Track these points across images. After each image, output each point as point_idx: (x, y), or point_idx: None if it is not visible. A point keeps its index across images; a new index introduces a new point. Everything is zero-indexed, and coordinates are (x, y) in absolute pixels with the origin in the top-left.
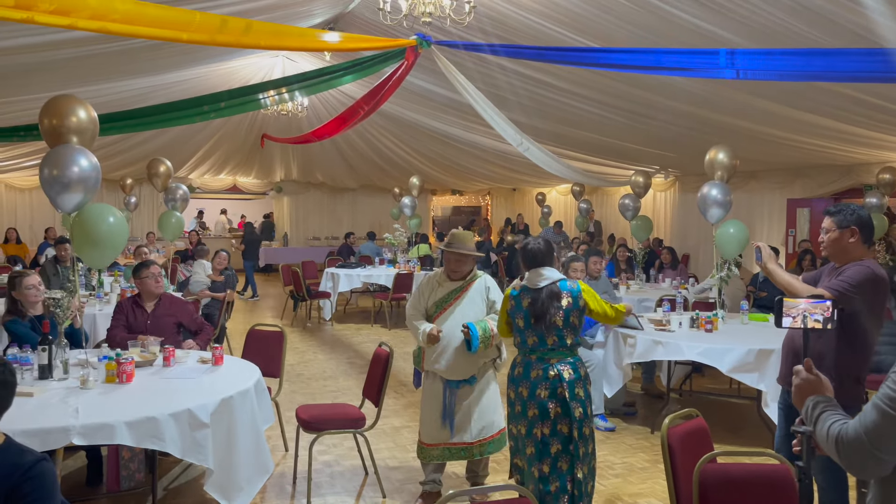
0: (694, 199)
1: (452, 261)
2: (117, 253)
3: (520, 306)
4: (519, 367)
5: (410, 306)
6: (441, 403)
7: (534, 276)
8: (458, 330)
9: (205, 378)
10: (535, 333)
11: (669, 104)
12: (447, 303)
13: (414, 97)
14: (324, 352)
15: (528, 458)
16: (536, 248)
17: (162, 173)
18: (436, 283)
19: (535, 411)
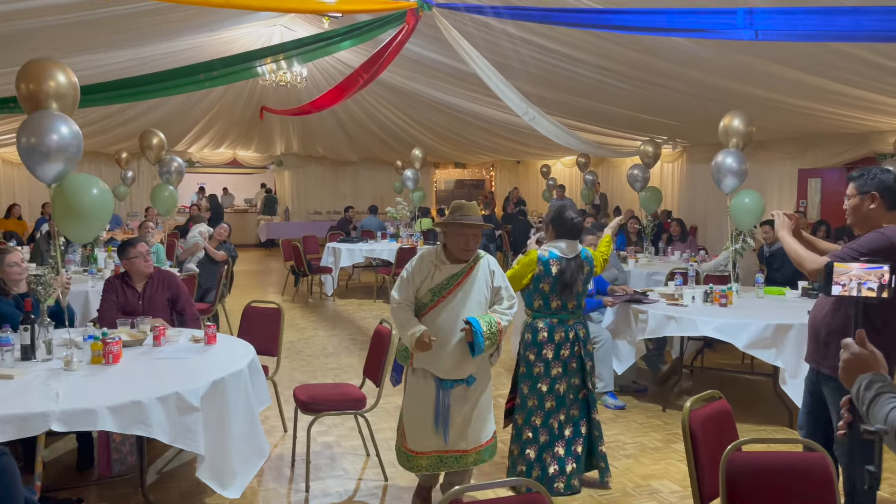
0: (703, 169)
1: (467, 237)
2: (101, 227)
3: (549, 272)
4: (542, 331)
5: (397, 292)
6: (433, 406)
7: (569, 247)
8: (458, 324)
9: (196, 358)
10: (559, 298)
11: (678, 70)
12: (447, 290)
13: (415, 66)
14: (325, 328)
15: (546, 411)
16: (580, 223)
17: (155, 145)
18: (431, 265)
19: (559, 370)
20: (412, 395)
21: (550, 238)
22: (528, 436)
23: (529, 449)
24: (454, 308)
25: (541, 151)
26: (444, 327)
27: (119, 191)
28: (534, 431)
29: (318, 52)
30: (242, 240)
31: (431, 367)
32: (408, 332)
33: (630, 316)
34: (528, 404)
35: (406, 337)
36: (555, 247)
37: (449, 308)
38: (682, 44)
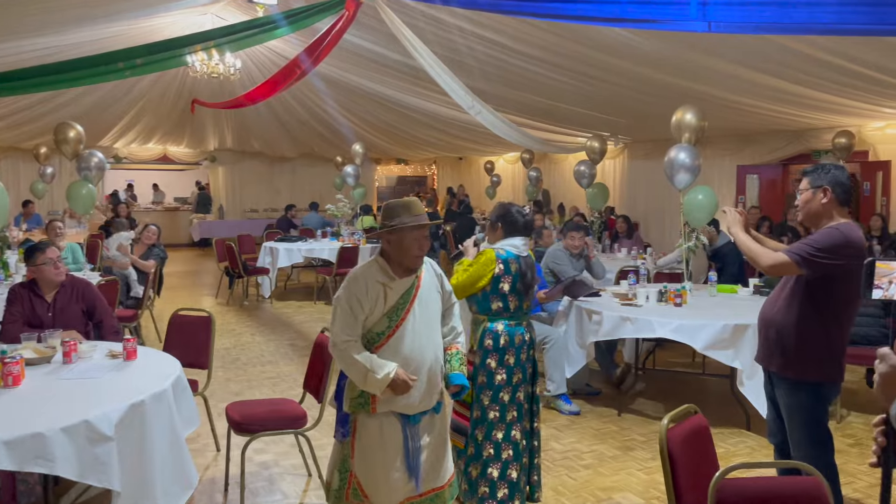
0: (644, 166)
1: (420, 241)
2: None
3: (509, 270)
4: (504, 335)
5: (341, 330)
6: (401, 450)
7: (524, 245)
8: (424, 347)
9: (112, 377)
10: (517, 298)
11: (624, 66)
12: (403, 310)
13: (355, 58)
14: (262, 333)
15: (508, 423)
16: (531, 219)
17: (72, 139)
18: (379, 285)
19: (520, 375)
20: (371, 446)
21: (499, 237)
22: (489, 453)
23: (492, 467)
24: (416, 329)
25: (483, 147)
26: (411, 356)
27: (36, 188)
28: (495, 447)
29: (252, 39)
30: (174, 239)
31: (399, 406)
32: (377, 376)
33: (582, 317)
34: (489, 417)
35: (374, 382)
36: (509, 245)
37: (410, 331)
38: (629, 38)
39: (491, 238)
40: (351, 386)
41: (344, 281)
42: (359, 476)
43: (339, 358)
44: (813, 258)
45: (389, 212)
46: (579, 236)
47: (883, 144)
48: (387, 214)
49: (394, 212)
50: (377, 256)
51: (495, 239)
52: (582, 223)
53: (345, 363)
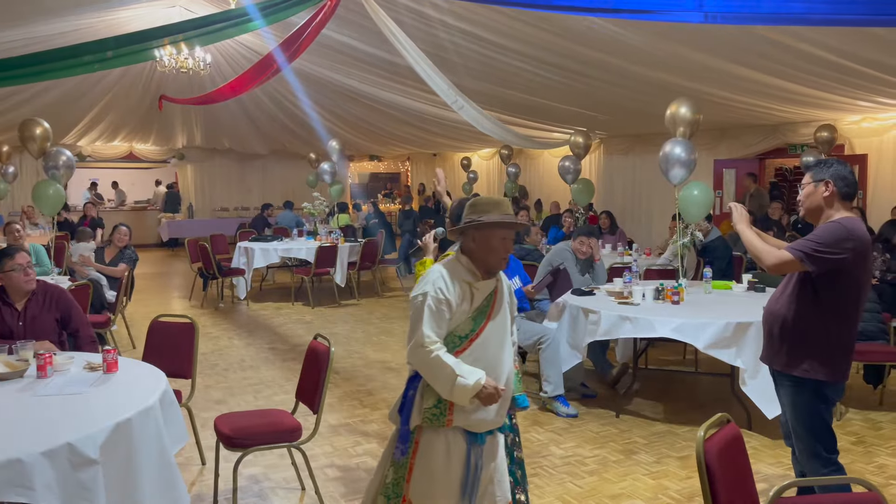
0: (620, 161)
1: (507, 242)
2: None
3: None
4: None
5: (429, 329)
6: (463, 470)
7: None
8: (506, 358)
9: (93, 393)
10: None
11: (603, 59)
12: (486, 313)
13: (329, 53)
14: (241, 337)
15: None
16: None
17: (38, 136)
18: (465, 283)
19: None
20: (434, 467)
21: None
22: None
23: None
24: (496, 336)
25: (459, 143)
26: (493, 363)
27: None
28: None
29: (224, 32)
30: (142, 240)
31: (474, 421)
32: (468, 383)
33: (578, 316)
34: None
35: (462, 390)
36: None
37: (492, 336)
38: (610, 31)
39: (454, 236)
40: (427, 394)
41: (422, 278)
42: (414, 501)
43: (422, 362)
44: (816, 254)
45: (477, 208)
46: (588, 242)
47: (859, 138)
48: (474, 210)
49: (482, 208)
50: (458, 255)
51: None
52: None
53: (430, 367)
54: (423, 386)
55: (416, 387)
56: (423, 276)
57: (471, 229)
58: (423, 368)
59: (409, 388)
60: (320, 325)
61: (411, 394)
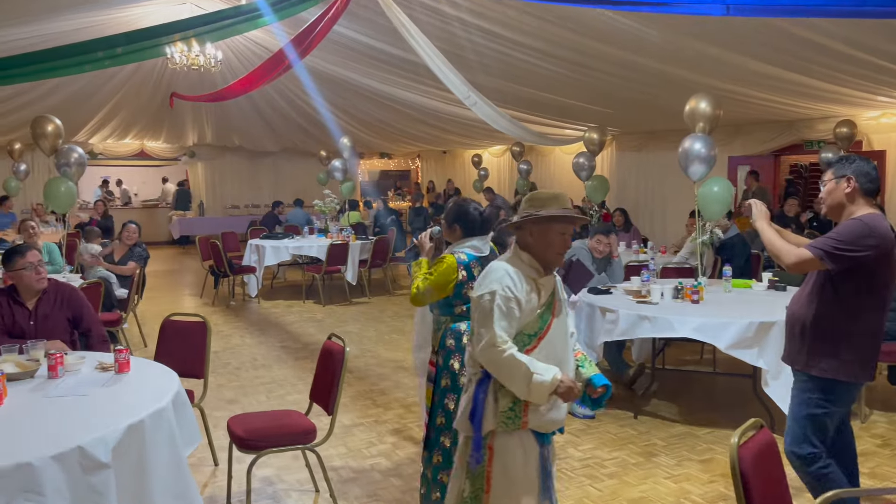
0: (632, 158)
1: (566, 237)
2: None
3: (472, 275)
4: (466, 334)
5: (501, 331)
6: (537, 474)
7: (482, 244)
8: (570, 354)
9: (104, 393)
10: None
11: (618, 55)
12: (552, 310)
13: (340, 49)
14: (252, 335)
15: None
16: (489, 215)
17: (50, 133)
18: (530, 280)
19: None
20: (513, 472)
21: (458, 237)
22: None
23: None
24: (561, 332)
25: (470, 140)
26: (562, 360)
27: (10, 185)
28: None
29: (234, 28)
30: (153, 237)
31: (546, 420)
32: (545, 380)
33: (595, 314)
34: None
35: (540, 388)
36: (468, 246)
37: (557, 333)
38: (627, 24)
39: (450, 237)
40: (502, 396)
41: (485, 276)
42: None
43: (495, 362)
44: (837, 252)
45: (536, 201)
46: (606, 241)
47: (878, 134)
48: (533, 204)
49: (541, 202)
50: (517, 250)
51: (454, 239)
52: (609, 225)
53: (505, 367)
54: (494, 388)
55: (486, 389)
56: (486, 274)
57: (528, 223)
58: (496, 369)
59: (478, 392)
60: (332, 323)
61: (482, 397)
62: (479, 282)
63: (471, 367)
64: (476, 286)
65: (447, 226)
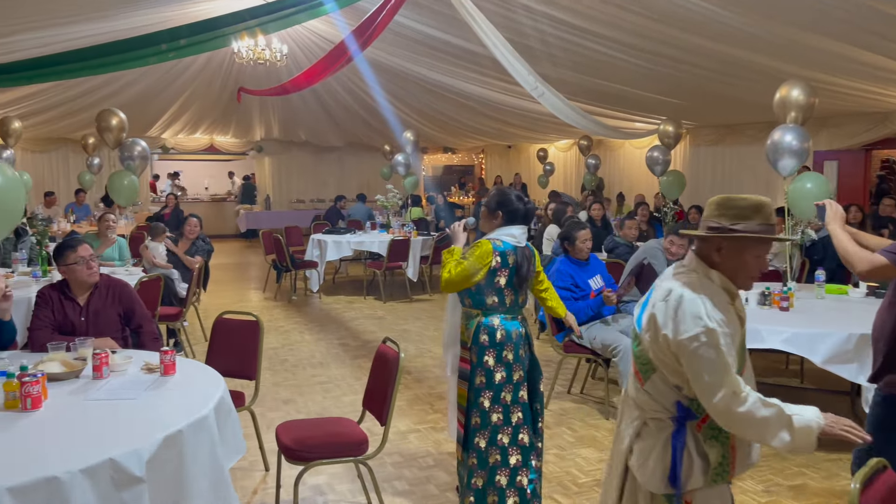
0: (707, 153)
1: (763, 259)
2: (10, 224)
3: (506, 263)
4: (500, 329)
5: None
6: None
7: (522, 235)
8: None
9: (146, 398)
10: (513, 292)
11: (698, 43)
12: (744, 340)
13: (402, 41)
14: (311, 331)
15: (515, 426)
16: (532, 207)
17: (114, 127)
18: (730, 308)
19: (521, 373)
20: None
21: (497, 225)
22: (495, 459)
23: (500, 475)
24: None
25: (535, 134)
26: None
27: (84, 179)
28: (502, 453)
29: (296, 17)
30: (220, 230)
31: (746, 466)
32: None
33: None
34: (492, 420)
35: (806, 431)
36: (507, 235)
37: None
38: (713, 12)
39: (486, 226)
40: (710, 451)
41: (677, 309)
42: None
43: (743, 417)
44: None
45: (731, 210)
46: (680, 243)
47: None
48: (727, 212)
49: (738, 211)
50: (704, 269)
51: (492, 227)
52: (686, 224)
53: (755, 418)
54: (696, 440)
55: (684, 442)
56: (676, 307)
57: (718, 237)
58: (745, 425)
59: (676, 446)
60: (392, 321)
61: (681, 453)
62: (671, 318)
63: (646, 411)
64: (667, 324)
65: (489, 212)
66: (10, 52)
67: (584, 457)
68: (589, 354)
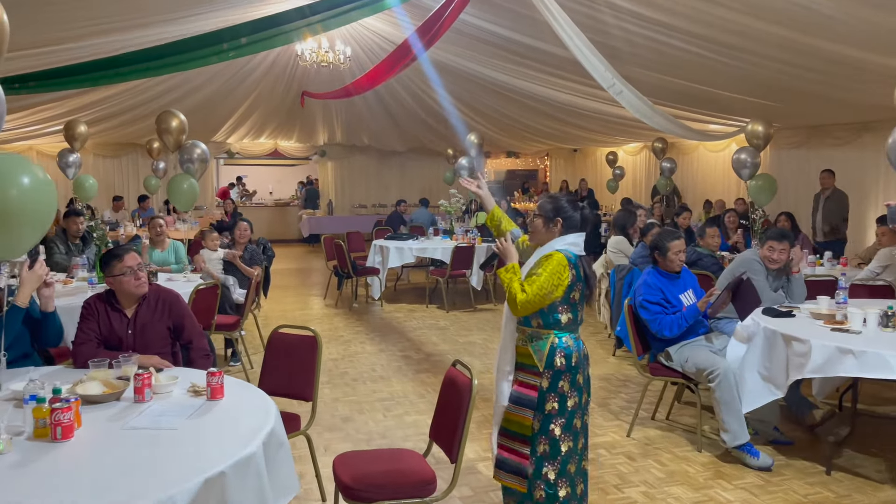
0: (791, 156)
1: None
2: (38, 234)
3: (579, 276)
4: (575, 351)
5: None
6: None
7: (582, 241)
8: None
9: (188, 428)
10: (581, 306)
11: (792, 37)
12: None
13: (466, 41)
14: (373, 341)
15: (580, 453)
16: (588, 213)
17: (174, 128)
18: None
19: (587, 395)
20: None
21: (555, 234)
22: (566, 492)
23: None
24: None
25: (602, 137)
26: None
27: (149, 183)
28: (571, 482)
29: (359, 12)
30: (284, 235)
31: None
32: None
33: (776, 342)
34: (563, 450)
35: None
36: (571, 244)
37: None
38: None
39: (541, 237)
40: None
41: None
42: None
43: None
44: None
45: None
46: (781, 248)
47: None
48: None
49: None
50: None
51: (548, 237)
52: (786, 231)
53: None
54: None
55: None
56: None
57: None
58: None
59: None
60: (455, 331)
61: None
62: None
63: None
64: None
65: (545, 222)
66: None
67: (676, 496)
68: (679, 378)
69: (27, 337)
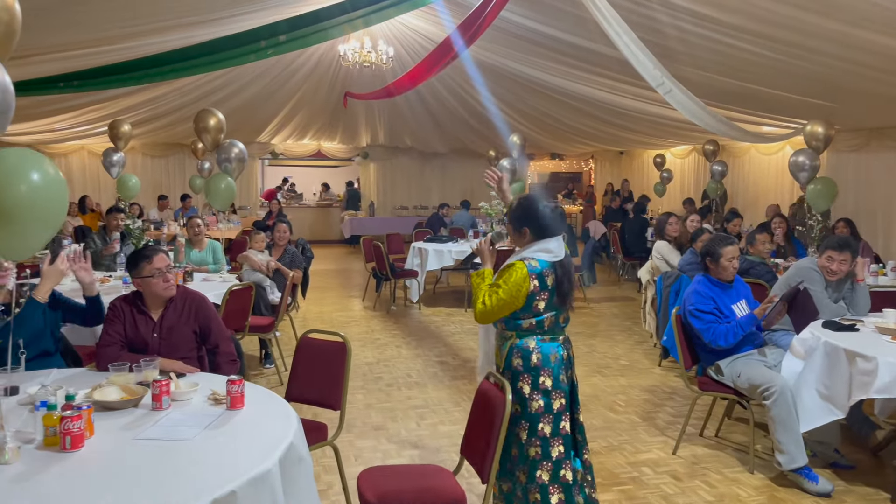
0: (849, 160)
1: None
2: (49, 233)
3: (545, 285)
4: (536, 352)
5: None
6: None
7: (558, 247)
8: None
9: (203, 439)
10: (554, 313)
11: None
12: None
13: (508, 39)
14: (409, 346)
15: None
16: (561, 211)
17: (212, 127)
18: None
19: (562, 402)
20: None
21: (528, 242)
22: (535, 498)
23: None
24: None
25: (648, 140)
26: None
27: (194, 183)
28: (542, 491)
29: (400, 7)
30: (326, 235)
31: None
32: None
33: (839, 358)
34: (530, 455)
35: None
36: (541, 251)
37: None
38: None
39: (517, 243)
40: None
41: None
42: None
43: None
44: None
45: None
46: (841, 259)
47: None
48: None
49: None
50: None
51: (523, 244)
52: (848, 239)
53: None
54: None
55: None
56: None
57: None
58: None
59: None
60: None
61: None
62: None
63: None
64: None
65: (514, 229)
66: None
67: None
68: (731, 395)
69: (48, 335)
